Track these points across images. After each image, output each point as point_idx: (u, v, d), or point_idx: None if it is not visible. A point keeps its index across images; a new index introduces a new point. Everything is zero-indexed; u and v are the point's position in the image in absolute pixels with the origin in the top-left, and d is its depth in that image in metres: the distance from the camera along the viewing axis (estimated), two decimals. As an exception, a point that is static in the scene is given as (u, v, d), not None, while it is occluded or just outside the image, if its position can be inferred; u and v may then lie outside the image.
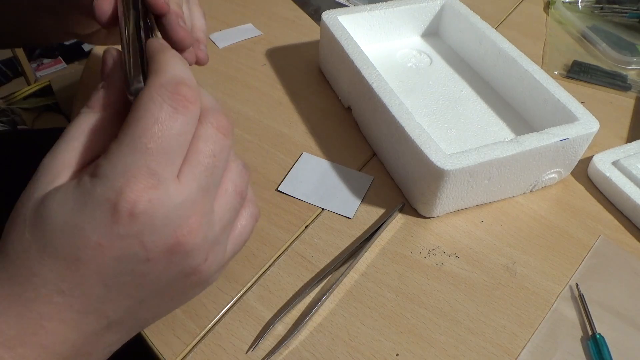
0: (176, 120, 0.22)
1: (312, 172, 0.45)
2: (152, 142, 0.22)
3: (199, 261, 0.25)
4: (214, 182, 0.25)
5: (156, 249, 0.23)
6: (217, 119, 0.25)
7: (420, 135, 0.39)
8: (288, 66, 0.57)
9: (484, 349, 0.34)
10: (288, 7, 0.67)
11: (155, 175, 0.22)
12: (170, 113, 0.22)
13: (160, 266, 0.23)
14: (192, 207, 0.23)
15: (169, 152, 0.22)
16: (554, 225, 0.42)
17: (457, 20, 0.55)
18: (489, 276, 0.38)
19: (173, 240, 0.23)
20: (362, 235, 0.40)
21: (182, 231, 0.23)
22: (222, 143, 0.25)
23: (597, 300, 0.37)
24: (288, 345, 0.34)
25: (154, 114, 0.22)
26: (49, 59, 1.71)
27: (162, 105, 0.22)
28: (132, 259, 0.23)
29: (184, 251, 0.23)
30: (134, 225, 0.22)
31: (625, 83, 0.58)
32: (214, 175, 0.24)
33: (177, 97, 0.23)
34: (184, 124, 0.23)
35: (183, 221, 0.23)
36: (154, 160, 0.22)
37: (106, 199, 0.21)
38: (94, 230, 0.22)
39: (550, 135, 0.40)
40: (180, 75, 0.24)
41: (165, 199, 0.22)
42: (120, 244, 0.22)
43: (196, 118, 0.24)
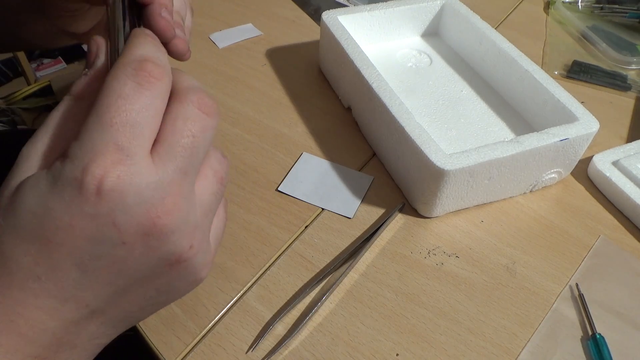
0: (141, 95, 0.22)
1: (312, 172, 0.45)
2: (116, 117, 0.21)
3: (181, 248, 0.24)
4: (193, 164, 0.24)
5: (130, 230, 0.22)
6: (199, 97, 0.24)
7: (420, 135, 0.39)
8: (288, 66, 0.57)
9: (484, 349, 0.34)
10: (288, 7, 0.67)
11: (123, 150, 0.21)
12: (134, 87, 0.22)
13: (138, 251, 0.22)
14: (168, 187, 0.22)
15: (136, 127, 0.21)
16: (554, 225, 0.42)
17: (457, 20, 0.55)
18: (489, 276, 0.38)
19: (147, 221, 0.22)
20: (362, 235, 0.40)
21: (156, 211, 0.22)
22: (204, 122, 0.24)
23: (597, 300, 0.37)
24: (288, 345, 0.34)
25: (117, 90, 0.21)
26: (49, 59, 1.71)
27: (125, 81, 0.22)
28: (106, 241, 0.22)
29: (162, 234, 0.22)
30: (103, 203, 0.21)
31: (625, 83, 0.58)
32: (193, 155, 0.23)
33: (141, 72, 0.22)
34: (150, 97, 0.22)
35: (157, 201, 0.22)
36: (120, 135, 0.21)
37: (74, 177, 0.21)
38: (64, 210, 0.21)
39: (550, 135, 0.40)
40: (146, 54, 0.23)
41: (136, 175, 0.21)
42: (92, 224, 0.21)
43: (165, 94, 0.23)
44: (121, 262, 0.23)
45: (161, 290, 0.25)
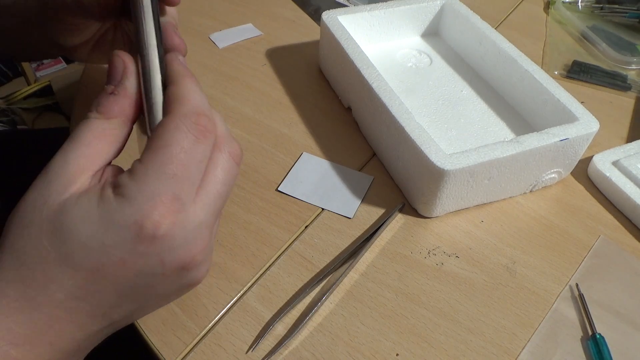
0: (198, 149, 0.24)
1: (312, 172, 0.45)
2: (179, 170, 0.24)
3: (202, 272, 0.27)
4: (222, 206, 0.27)
5: (172, 266, 0.25)
6: (232, 146, 0.27)
7: (420, 135, 0.39)
8: (288, 66, 0.57)
9: (484, 349, 0.34)
10: (288, 7, 0.67)
11: (179, 200, 0.24)
12: (193, 142, 0.24)
13: (171, 279, 0.25)
14: (205, 229, 0.25)
15: (191, 179, 0.24)
16: (554, 225, 0.42)
17: (457, 20, 0.55)
18: (489, 276, 0.38)
19: (188, 258, 0.25)
20: (362, 235, 0.40)
21: (196, 250, 0.25)
22: (234, 171, 0.27)
23: (597, 300, 0.37)
24: (288, 345, 0.34)
25: (180, 142, 0.24)
26: (48, 59, 1.71)
27: (187, 134, 0.24)
28: (149, 274, 0.24)
29: (194, 267, 0.26)
30: (157, 245, 0.23)
31: (625, 83, 0.58)
32: (222, 199, 0.26)
33: (199, 127, 0.24)
34: (205, 152, 0.25)
35: (197, 241, 0.25)
36: (179, 187, 0.24)
37: (134, 220, 0.23)
38: (119, 248, 0.23)
39: (550, 135, 0.40)
40: (201, 105, 0.25)
41: (185, 222, 0.24)
42: (142, 261, 0.24)
43: (212, 146, 0.26)
44: (153, 288, 0.25)
45: (170, 300, 0.29)
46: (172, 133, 0.24)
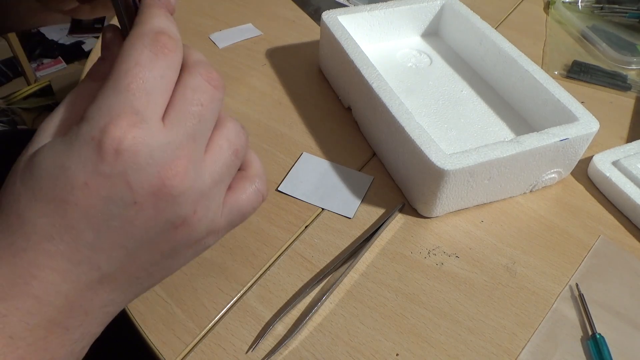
0: (156, 64, 0.23)
1: (312, 172, 0.45)
2: (133, 83, 0.22)
3: (187, 211, 0.24)
4: (202, 131, 0.25)
5: (142, 190, 0.23)
6: (207, 70, 0.25)
7: (420, 135, 0.39)
8: (288, 66, 0.57)
9: (484, 349, 0.34)
10: (288, 7, 0.67)
11: (139, 113, 0.22)
12: (151, 57, 0.23)
13: (147, 212, 0.23)
14: (178, 150, 0.23)
15: (151, 93, 0.23)
16: (554, 225, 0.42)
17: (457, 20, 0.55)
18: (489, 276, 0.38)
19: (158, 181, 0.23)
20: (362, 235, 0.40)
21: (166, 172, 0.23)
22: (211, 93, 0.25)
23: (597, 300, 0.37)
24: (288, 345, 0.34)
25: (134, 57, 0.23)
26: (49, 59, 1.71)
27: (142, 50, 0.23)
28: (119, 201, 0.22)
29: (170, 195, 0.23)
30: (119, 163, 0.22)
31: (625, 83, 0.58)
32: (201, 123, 0.24)
33: (157, 43, 0.23)
34: (164, 67, 0.23)
35: (168, 162, 0.23)
36: (136, 99, 0.22)
37: (91, 137, 0.22)
38: (80, 169, 0.22)
39: (550, 135, 0.40)
40: (161, 26, 0.24)
41: (149, 137, 0.22)
42: (107, 183, 0.22)
43: (177, 65, 0.24)
44: (132, 224, 0.23)
45: (166, 254, 0.26)
46: (127, 51, 0.23)
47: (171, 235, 0.25)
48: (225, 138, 0.26)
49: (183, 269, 0.37)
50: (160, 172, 0.23)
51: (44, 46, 1.72)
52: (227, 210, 0.28)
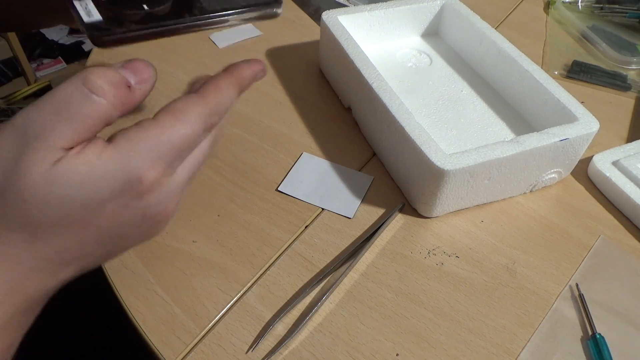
0: (203, 137, 0.27)
1: (312, 172, 0.45)
2: (182, 145, 0.26)
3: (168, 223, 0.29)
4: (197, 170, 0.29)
5: (150, 220, 0.26)
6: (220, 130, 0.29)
7: (420, 135, 0.39)
8: (288, 66, 0.57)
9: (484, 349, 0.34)
10: (288, 7, 0.67)
11: (173, 168, 0.26)
12: (204, 132, 0.27)
13: (143, 229, 0.27)
14: (182, 189, 0.28)
15: (185, 154, 0.26)
16: (554, 225, 0.42)
17: (457, 20, 0.55)
18: (489, 276, 0.38)
19: (163, 214, 0.27)
20: (362, 235, 0.40)
21: (171, 207, 0.27)
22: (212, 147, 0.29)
23: (597, 300, 0.37)
24: (288, 345, 0.34)
25: (195, 128, 0.26)
26: (49, 59, 1.71)
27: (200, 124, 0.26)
28: (129, 225, 0.26)
29: (165, 220, 0.27)
30: (144, 200, 0.25)
31: (625, 83, 0.57)
32: (201, 165, 0.29)
33: (211, 122, 0.27)
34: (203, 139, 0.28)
35: (174, 199, 0.27)
36: (176, 159, 0.26)
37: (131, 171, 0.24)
38: (113, 200, 0.24)
39: (550, 135, 0.40)
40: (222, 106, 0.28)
41: (171, 184, 0.26)
42: (127, 213, 0.25)
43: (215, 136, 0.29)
44: (127, 236, 0.27)
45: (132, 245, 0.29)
46: (194, 117, 0.26)
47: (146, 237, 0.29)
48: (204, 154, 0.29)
49: (183, 269, 0.37)
50: (167, 207, 0.27)
51: (44, 46, 1.72)
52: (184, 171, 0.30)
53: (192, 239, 0.39)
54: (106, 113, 0.24)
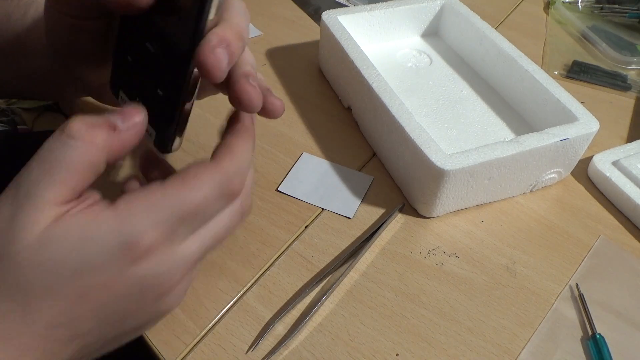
0: (216, 204, 0.25)
1: (312, 172, 0.45)
2: (190, 216, 0.24)
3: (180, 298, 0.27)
4: (215, 247, 0.27)
5: (151, 294, 0.24)
6: (246, 199, 0.27)
7: (420, 135, 0.39)
8: (288, 66, 0.57)
9: (484, 349, 0.34)
10: (288, 7, 0.67)
11: (178, 235, 0.24)
12: (217, 197, 0.24)
13: (148, 309, 0.25)
14: (193, 262, 0.25)
15: (196, 222, 0.24)
16: (554, 225, 0.42)
17: (457, 20, 0.55)
18: (489, 276, 0.38)
19: (167, 288, 0.25)
20: (362, 235, 0.40)
21: (175, 279, 0.25)
22: (237, 221, 0.27)
23: (597, 300, 0.37)
24: (288, 345, 0.34)
25: (206, 194, 0.24)
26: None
27: (215, 190, 0.24)
28: (128, 298, 0.23)
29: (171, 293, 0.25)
30: (141, 267, 0.23)
31: (625, 83, 0.57)
32: (218, 241, 0.27)
33: (229, 188, 0.25)
34: (220, 208, 0.25)
35: (181, 271, 0.25)
36: (182, 225, 0.24)
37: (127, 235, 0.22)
38: (106, 268, 0.22)
39: (550, 135, 0.40)
40: (241, 168, 0.26)
41: (176, 254, 0.24)
42: (125, 282, 0.23)
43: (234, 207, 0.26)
44: (131, 316, 0.25)
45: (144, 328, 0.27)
46: (205, 182, 0.24)
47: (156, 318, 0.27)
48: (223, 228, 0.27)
49: (183, 269, 0.37)
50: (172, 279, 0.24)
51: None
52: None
53: (192, 239, 0.39)
54: (88, 156, 0.23)
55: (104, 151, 0.23)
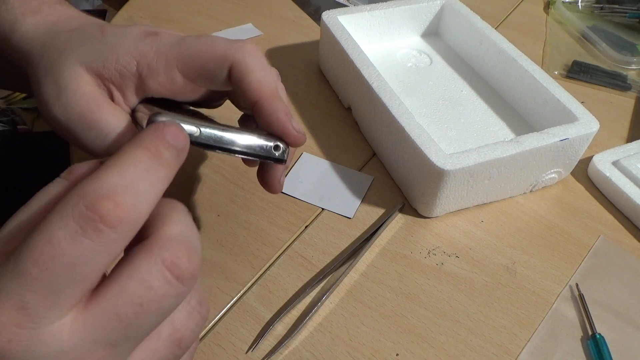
0: (77, 246, 0.17)
1: (312, 172, 0.45)
2: (35, 268, 0.16)
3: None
4: (131, 336, 0.18)
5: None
6: (175, 255, 0.18)
7: (420, 135, 0.39)
8: (288, 66, 0.57)
9: (484, 349, 0.34)
10: (288, 7, 0.67)
11: (26, 310, 0.16)
12: (72, 234, 0.17)
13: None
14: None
15: (55, 287, 0.17)
16: (554, 225, 0.42)
17: (457, 20, 0.55)
18: (489, 276, 0.38)
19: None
20: (362, 235, 0.40)
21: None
22: (165, 290, 0.18)
23: (597, 300, 0.37)
24: (288, 345, 0.34)
25: (51, 229, 0.17)
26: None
27: (66, 221, 0.17)
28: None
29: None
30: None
31: (625, 83, 0.57)
32: (131, 328, 0.18)
33: (91, 214, 0.17)
34: (90, 251, 0.17)
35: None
36: (30, 292, 0.16)
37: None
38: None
39: (550, 135, 0.40)
40: (116, 184, 0.17)
41: (32, 343, 0.16)
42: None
43: (115, 249, 0.18)
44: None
45: None
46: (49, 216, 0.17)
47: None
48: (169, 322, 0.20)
49: (183, 269, 0.37)
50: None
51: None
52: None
53: (192, 239, 0.39)
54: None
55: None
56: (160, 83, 0.29)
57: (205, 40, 0.29)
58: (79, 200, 0.17)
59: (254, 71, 0.29)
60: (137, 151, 0.19)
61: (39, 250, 0.16)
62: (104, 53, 0.29)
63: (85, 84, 0.29)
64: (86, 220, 0.17)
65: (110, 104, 0.29)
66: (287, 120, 0.29)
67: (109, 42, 0.29)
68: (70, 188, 0.19)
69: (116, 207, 0.17)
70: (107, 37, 0.30)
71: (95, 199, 0.17)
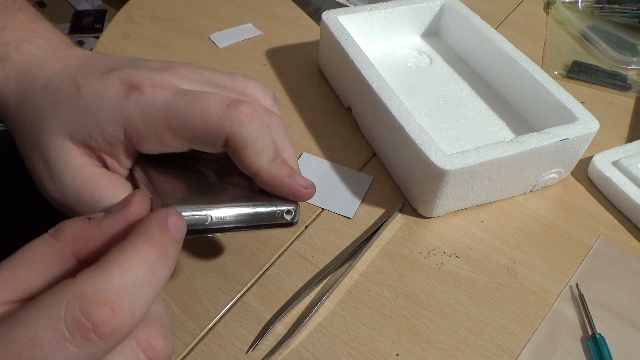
0: (61, 352, 0.16)
1: (312, 172, 0.45)
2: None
3: None
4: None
5: None
6: (149, 333, 0.18)
7: (420, 135, 0.39)
8: (288, 66, 0.57)
9: (484, 349, 0.34)
10: (288, 7, 0.67)
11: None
12: (58, 339, 0.15)
13: None
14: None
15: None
16: (554, 225, 0.42)
17: (457, 20, 0.55)
18: (489, 276, 0.38)
19: None
20: (362, 235, 0.40)
21: None
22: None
23: (597, 300, 0.37)
24: (288, 345, 0.34)
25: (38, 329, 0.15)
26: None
27: (56, 323, 0.16)
28: None
29: None
30: None
31: (625, 83, 0.57)
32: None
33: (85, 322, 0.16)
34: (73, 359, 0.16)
35: None
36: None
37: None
38: None
39: (550, 135, 0.40)
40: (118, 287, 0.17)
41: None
42: None
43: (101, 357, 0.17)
44: None
45: None
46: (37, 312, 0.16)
47: None
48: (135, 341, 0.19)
49: (183, 269, 0.37)
50: None
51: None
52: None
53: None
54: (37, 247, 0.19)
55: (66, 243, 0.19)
56: (152, 146, 0.28)
57: (196, 107, 0.27)
58: (75, 301, 0.16)
59: (250, 144, 0.28)
60: (143, 247, 0.18)
61: (17, 350, 0.15)
62: (86, 122, 0.27)
63: (74, 158, 0.27)
64: (78, 326, 0.16)
65: (105, 177, 0.28)
66: (292, 182, 0.29)
67: (88, 106, 0.27)
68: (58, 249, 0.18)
69: (113, 317, 0.16)
70: (85, 98, 0.27)
71: (93, 304, 0.16)
